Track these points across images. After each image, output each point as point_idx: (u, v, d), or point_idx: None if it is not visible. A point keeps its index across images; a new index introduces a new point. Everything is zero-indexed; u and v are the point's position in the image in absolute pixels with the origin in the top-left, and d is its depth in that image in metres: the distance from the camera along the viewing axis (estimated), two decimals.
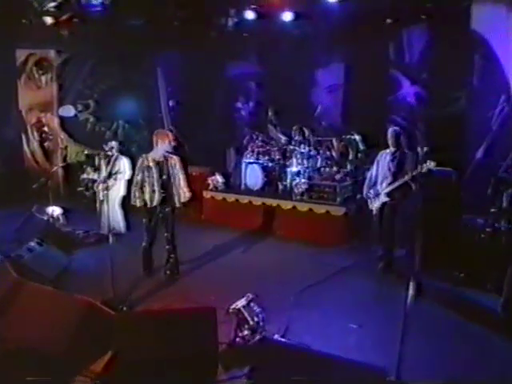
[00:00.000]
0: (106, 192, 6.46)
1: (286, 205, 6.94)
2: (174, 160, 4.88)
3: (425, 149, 5.69)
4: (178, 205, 4.96)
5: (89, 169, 9.26)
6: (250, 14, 8.00)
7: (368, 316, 3.85)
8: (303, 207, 6.73)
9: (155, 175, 4.78)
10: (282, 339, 2.81)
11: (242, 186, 8.10)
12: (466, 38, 6.52)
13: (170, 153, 4.92)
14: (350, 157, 7.53)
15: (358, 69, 8.32)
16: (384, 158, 5.31)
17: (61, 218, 6.84)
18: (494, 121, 6.32)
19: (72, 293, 3.10)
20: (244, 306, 3.13)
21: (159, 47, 9.59)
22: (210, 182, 8.19)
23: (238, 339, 3.13)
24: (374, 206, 5.33)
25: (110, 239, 4.27)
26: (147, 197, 4.83)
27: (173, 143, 4.95)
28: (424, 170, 4.68)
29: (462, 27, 6.55)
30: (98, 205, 6.76)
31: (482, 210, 5.46)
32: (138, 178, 4.84)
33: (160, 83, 10.34)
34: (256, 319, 3.09)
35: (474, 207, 5.68)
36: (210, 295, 4.00)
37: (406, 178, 4.87)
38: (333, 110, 9.02)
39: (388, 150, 5.31)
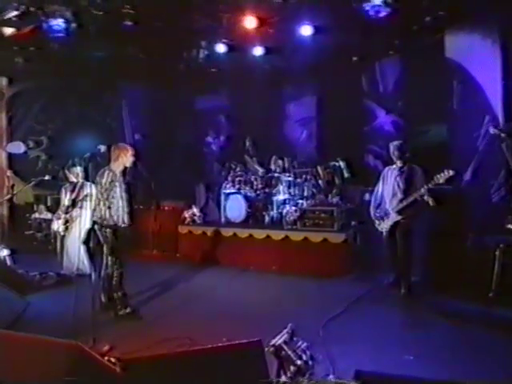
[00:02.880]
0: (68, 225, 5.56)
1: (278, 235, 6.29)
2: (122, 178, 4.35)
3: None
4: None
5: (42, 207, 8.29)
6: (220, 48, 7.75)
7: (413, 346, 3.22)
8: (297, 236, 6.11)
9: (119, 190, 4.20)
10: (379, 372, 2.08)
11: (223, 219, 7.39)
12: (441, 66, 6.67)
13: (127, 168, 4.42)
14: (336, 184, 7.20)
15: (331, 101, 8.30)
16: (390, 174, 4.98)
17: (8, 259, 5.71)
18: (480, 141, 6.34)
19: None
20: (286, 342, 2.36)
21: (123, 79, 9.06)
22: (186, 215, 7.41)
23: None
24: (384, 226, 4.89)
25: (93, 277, 3.37)
26: (115, 215, 4.15)
27: (132, 158, 4.38)
28: (442, 180, 4.33)
29: (435, 57, 6.71)
30: (58, 242, 5.73)
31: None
32: (106, 193, 4.13)
33: (124, 116, 9.70)
34: (304, 357, 2.33)
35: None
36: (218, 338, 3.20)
37: (423, 190, 4.48)
38: (306, 143, 8.89)
39: (394, 166, 5.00)
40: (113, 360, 2.93)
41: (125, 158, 4.29)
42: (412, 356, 2.93)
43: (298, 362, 2.31)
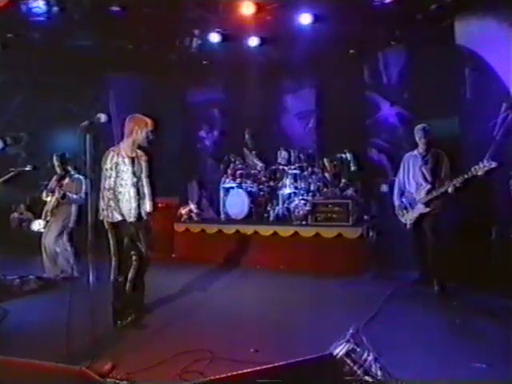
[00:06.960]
0: (51, 219, 4.94)
1: (286, 231, 5.77)
2: (144, 158, 3.63)
3: None
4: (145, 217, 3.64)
5: (22, 206, 7.64)
6: (214, 37, 7.25)
7: (474, 350, 2.76)
8: (308, 232, 5.61)
9: (130, 176, 3.50)
10: None
11: (222, 216, 6.85)
12: (452, 53, 6.34)
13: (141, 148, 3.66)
14: (343, 178, 6.77)
15: (331, 93, 7.87)
16: (413, 161, 4.56)
17: None
18: (497, 130, 6.02)
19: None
20: (348, 353, 1.86)
21: (110, 70, 8.45)
22: (182, 212, 6.84)
23: None
24: (409, 218, 4.46)
25: (91, 279, 2.78)
26: (125, 207, 3.48)
27: (150, 134, 3.60)
28: (481, 171, 3.80)
29: (444, 44, 6.39)
30: (42, 239, 5.08)
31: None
32: (111, 180, 3.45)
33: (112, 110, 9.05)
34: (374, 371, 1.84)
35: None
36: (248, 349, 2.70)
37: (457, 181, 4.02)
38: (306, 137, 8.47)
39: (416, 152, 4.58)
40: (118, 382, 2.37)
41: (139, 134, 3.52)
42: (484, 364, 2.45)
43: (367, 379, 1.82)
